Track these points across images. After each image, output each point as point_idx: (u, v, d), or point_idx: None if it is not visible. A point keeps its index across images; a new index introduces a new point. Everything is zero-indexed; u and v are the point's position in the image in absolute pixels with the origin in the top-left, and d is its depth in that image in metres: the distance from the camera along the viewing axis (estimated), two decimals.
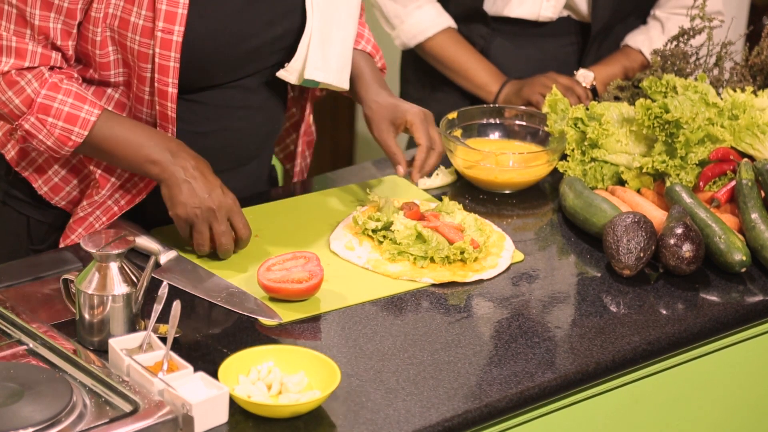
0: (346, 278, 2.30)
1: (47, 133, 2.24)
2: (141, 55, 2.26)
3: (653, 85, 2.73)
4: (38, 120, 2.24)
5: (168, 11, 2.23)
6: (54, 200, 2.43)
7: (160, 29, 2.24)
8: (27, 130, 2.25)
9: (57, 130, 2.24)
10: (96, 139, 2.26)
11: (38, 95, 2.23)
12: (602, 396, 2.17)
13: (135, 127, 2.28)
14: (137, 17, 2.24)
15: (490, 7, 3.05)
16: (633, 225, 2.34)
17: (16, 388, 1.87)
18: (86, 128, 2.25)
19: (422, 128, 2.45)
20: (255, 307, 2.18)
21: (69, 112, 2.24)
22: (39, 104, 2.23)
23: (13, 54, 2.22)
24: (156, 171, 2.26)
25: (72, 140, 2.25)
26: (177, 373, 1.93)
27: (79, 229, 2.39)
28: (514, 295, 2.29)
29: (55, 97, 2.24)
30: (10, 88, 2.23)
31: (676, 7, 3.07)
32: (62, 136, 2.25)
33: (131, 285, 2.03)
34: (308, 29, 2.37)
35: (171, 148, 2.27)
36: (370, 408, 1.96)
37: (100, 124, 2.26)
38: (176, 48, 2.25)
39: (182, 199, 2.24)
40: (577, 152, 2.63)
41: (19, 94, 2.23)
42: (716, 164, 2.57)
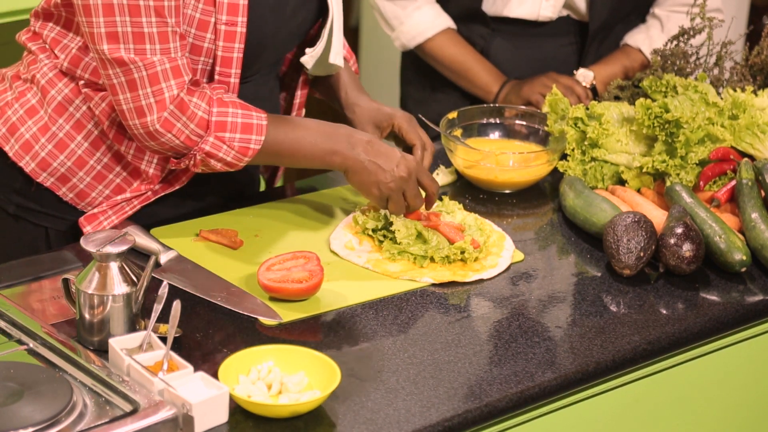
0: (346, 278, 2.30)
1: (227, 149, 2.24)
2: (194, 49, 2.26)
3: (653, 85, 2.73)
4: (217, 138, 2.23)
5: (230, 3, 2.24)
6: (80, 205, 2.40)
7: (224, 22, 2.24)
8: (208, 152, 2.23)
9: (236, 143, 2.24)
10: (271, 143, 2.27)
11: (211, 114, 2.22)
12: (602, 396, 2.17)
13: (302, 123, 2.31)
14: (194, 10, 2.23)
15: (490, 8, 3.05)
16: (633, 225, 2.34)
17: (16, 388, 1.88)
18: (262, 133, 2.25)
19: (411, 129, 2.48)
20: (255, 307, 2.18)
21: (242, 122, 2.24)
22: (215, 123, 2.22)
23: (170, 75, 2.19)
24: (339, 161, 2.31)
25: (251, 149, 2.25)
26: (177, 373, 1.93)
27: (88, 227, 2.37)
28: (514, 295, 2.29)
29: (226, 111, 2.23)
30: (184, 114, 2.20)
31: (676, 5, 3.07)
32: (242, 147, 2.24)
33: (131, 285, 2.03)
34: (331, 15, 2.40)
35: (344, 135, 2.31)
36: (370, 408, 1.96)
37: (272, 127, 2.27)
38: (241, 39, 2.26)
39: (374, 179, 2.30)
40: (577, 152, 2.63)
41: (192, 118, 2.21)
42: (716, 164, 2.57)
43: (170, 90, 2.18)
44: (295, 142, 2.29)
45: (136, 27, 2.15)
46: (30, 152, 2.36)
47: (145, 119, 2.20)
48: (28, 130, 2.35)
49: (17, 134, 2.35)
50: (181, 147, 2.23)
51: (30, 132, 2.35)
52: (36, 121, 2.35)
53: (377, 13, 3.13)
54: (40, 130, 2.35)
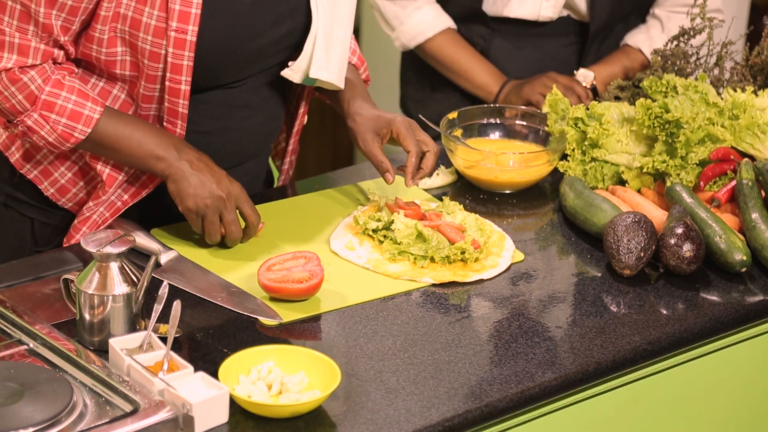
0: (346, 278, 2.30)
1: (50, 129, 2.24)
2: (152, 55, 2.27)
3: (653, 85, 2.73)
4: (42, 117, 2.24)
5: (181, 11, 2.23)
6: (60, 201, 2.43)
7: (174, 29, 2.24)
8: (29, 126, 2.25)
9: (60, 127, 2.24)
10: (99, 136, 2.27)
11: (42, 92, 2.23)
12: (603, 396, 2.17)
13: (137, 123, 2.29)
14: (149, 17, 2.24)
15: (490, 8, 3.05)
16: (633, 225, 2.34)
17: (16, 388, 1.87)
18: (89, 125, 2.25)
19: (408, 135, 2.46)
20: (255, 307, 2.18)
21: (72, 109, 2.24)
22: (43, 101, 2.23)
23: (15, 50, 2.21)
24: (162, 167, 2.28)
25: (74, 137, 2.25)
26: (177, 373, 1.93)
27: (84, 228, 2.39)
28: (515, 295, 2.29)
29: (59, 94, 2.24)
30: (13, 84, 2.22)
31: (676, 5, 3.07)
32: (65, 132, 2.25)
33: (131, 285, 2.03)
34: (314, 28, 2.37)
35: (175, 144, 2.29)
36: (370, 408, 1.96)
37: (103, 121, 2.26)
38: (190, 47, 2.26)
39: (191, 191, 2.27)
40: (577, 152, 2.63)
41: (22, 90, 2.23)
42: (716, 164, 2.57)
43: (7, 62, 2.21)
44: (122, 138, 2.27)
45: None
46: (16, 143, 2.40)
47: None
48: None
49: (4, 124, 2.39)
50: (6, 113, 2.26)
51: None
52: None
53: (377, 13, 3.13)
54: None
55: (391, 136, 2.48)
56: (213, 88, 2.37)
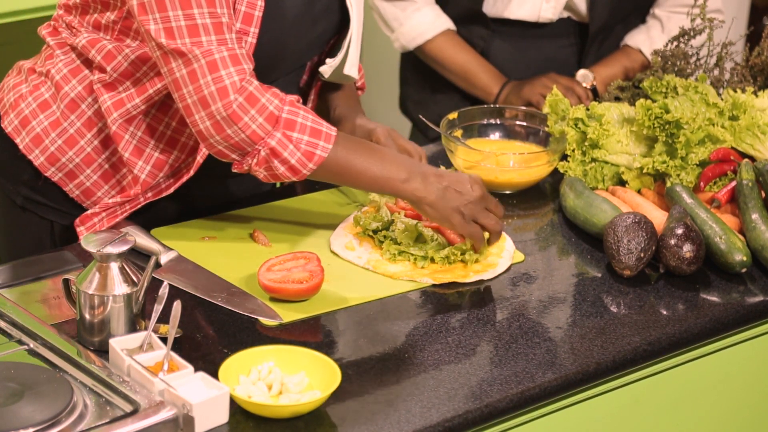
0: (346, 278, 2.30)
1: (293, 149, 2.19)
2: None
3: (654, 86, 2.73)
4: (285, 136, 2.19)
5: (246, 12, 2.24)
6: (86, 203, 2.41)
7: (237, 30, 2.23)
8: (273, 148, 2.18)
9: (303, 146, 2.19)
10: (339, 156, 2.22)
11: (282, 111, 2.19)
12: (603, 396, 2.17)
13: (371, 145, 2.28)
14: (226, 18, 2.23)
15: (490, 9, 3.05)
16: (633, 225, 2.34)
17: (16, 388, 1.87)
18: (330, 141, 2.21)
19: (387, 144, 2.47)
20: (255, 307, 2.18)
21: (312, 126, 2.21)
22: (285, 120, 2.19)
23: (229, 63, 2.15)
24: (410, 189, 2.26)
25: (317, 155, 2.20)
26: (177, 373, 1.93)
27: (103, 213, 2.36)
28: (515, 296, 2.29)
29: (298, 113, 2.20)
30: (253, 107, 2.17)
31: (676, 5, 3.07)
32: (308, 151, 2.20)
33: (132, 285, 2.03)
34: (352, 26, 2.40)
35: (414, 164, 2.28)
36: (370, 408, 1.96)
37: (342, 139, 2.23)
38: (250, 49, 2.25)
39: (454, 204, 2.27)
40: (577, 152, 2.63)
41: (262, 111, 2.18)
42: (717, 165, 2.57)
43: (230, 77, 2.16)
44: (365, 161, 2.25)
45: (189, 20, 2.15)
46: (40, 146, 2.37)
47: (210, 109, 2.16)
48: (39, 123, 2.36)
49: (29, 127, 2.37)
50: (245, 142, 2.19)
51: (41, 126, 2.36)
52: (48, 115, 2.36)
53: (377, 15, 3.13)
54: (51, 124, 2.36)
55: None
56: None
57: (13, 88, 2.42)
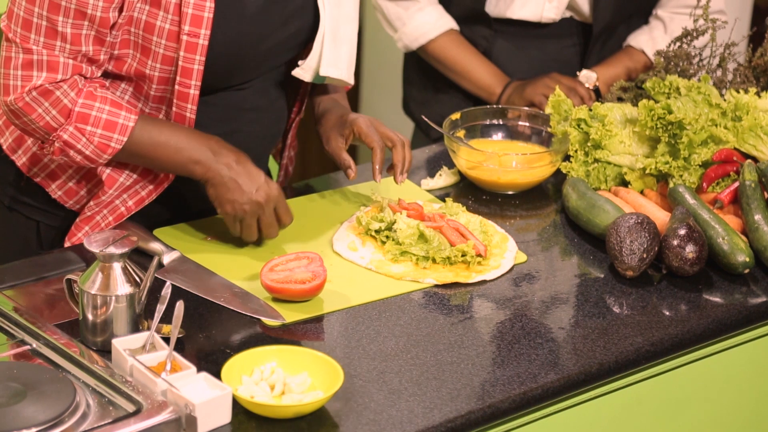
0: (349, 279, 2.30)
1: (86, 142, 2.23)
2: (165, 59, 2.26)
3: (656, 86, 2.73)
4: (77, 129, 2.22)
5: (194, 15, 2.23)
6: (68, 204, 2.42)
7: (186, 33, 2.23)
8: (65, 141, 2.23)
9: (96, 138, 2.23)
10: (135, 144, 2.26)
11: (75, 104, 2.22)
12: (605, 397, 2.17)
13: (173, 128, 2.29)
14: (163, 21, 2.24)
15: (493, 9, 3.05)
16: (636, 226, 2.34)
17: (19, 388, 1.88)
18: (125, 134, 2.24)
19: (370, 132, 2.45)
20: (258, 308, 2.18)
21: (107, 119, 2.23)
22: (77, 113, 2.22)
23: (45, 68, 2.20)
24: (200, 171, 2.28)
25: (111, 147, 2.24)
26: (180, 374, 1.93)
27: (86, 228, 2.38)
28: (517, 296, 2.29)
29: (92, 105, 2.23)
30: (46, 100, 2.21)
31: (679, 6, 3.07)
32: (101, 143, 2.24)
33: (134, 285, 2.03)
34: (322, 26, 2.38)
35: (211, 147, 2.28)
36: (373, 409, 1.96)
37: (139, 129, 2.25)
38: (202, 51, 2.25)
39: (230, 196, 2.27)
40: (580, 153, 2.63)
41: (55, 104, 2.21)
42: (719, 165, 2.57)
43: (37, 79, 2.20)
44: (158, 145, 2.27)
45: (27, 14, 2.18)
46: (22, 146, 2.39)
47: (7, 98, 2.21)
48: None
49: (11, 128, 2.39)
50: (41, 131, 2.24)
51: None
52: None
53: (380, 15, 3.13)
54: None
55: (354, 136, 2.47)
56: (221, 90, 2.37)
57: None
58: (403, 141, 2.47)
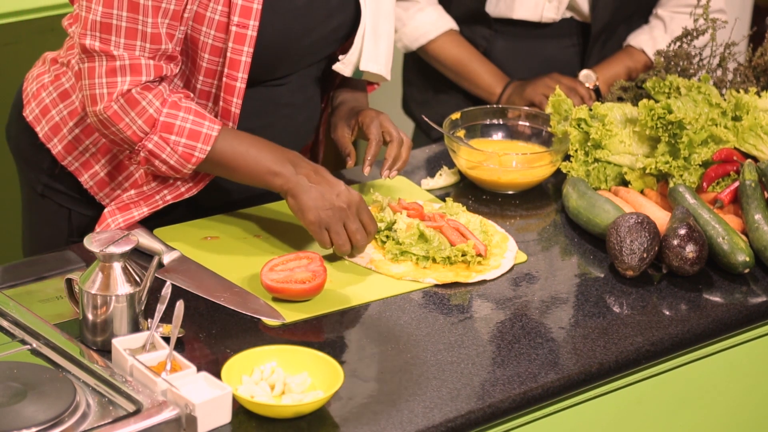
0: (349, 279, 2.30)
1: (171, 151, 2.24)
2: (214, 50, 2.27)
3: (656, 86, 2.73)
4: (162, 139, 2.23)
5: (243, 6, 2.24)
6: (98, 196, 2.43)
7: (235, 23, 2.24)
8: (150, 150, 2.23)
9: (180, 148, 2.23)
10: (218, 154, 2.26)
11: (161, 114, 2.22)
12: (605, 397, 2.17)
13: (253, 140, 2.29)
14: (213, 12, 2.25)
15: (493, 9, 3.05)
16: (636, 226, 2.34)
17: (19, 388, 1.88)
18: (209, 143, 2.24)
19: (372, 125, 2.46)
20: (258, 308, 2.18)
21: (191, 128, 2.24)
22: (162, 123, 2.22)
23: (128, 72, 2.20)
24: (280, 182, 2.27)
25: (195, 156, 2.24)
26: (180, 373, 1.93)
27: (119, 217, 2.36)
28: (517, 296, 2.29)
29: (177, 114, 2.23)
30: (133, 109, 2.21)
31: (679, 6, 3.07)
32: (186, 153, 2.24)
33: (134, 285, 2.03)
34: (363, 21, 2.40)
35: (291, 159, 2.28)
36: (373, 408, 1.96)
37: (222, 139, 2.25)
38: (250, 42, 2.26)
39: (312, 204, 2.26)
40: (580, 153, 2.63)
41: (141, 114, 2.21)
42: (719, 165, 2.57)
43: (123, 84, 2.20)
44: (239, 156, 2.27)
45: (106, 18, 2.17)
46: (58, 135, 2.40)
47: (96, 107, 2.21)
48: (59, 113, 2.40)
49: (48, 116, 2.41)
50: (127, 141, 2.24)
51: (60, 115, 2.40)
52: (67, 105, 2.40)
53: None
54: (70, 114, 2.39)
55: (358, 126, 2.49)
56: (259, 84, 2.37)
57: (36, 77, 2.46)
58: (402, 139, 2.48)
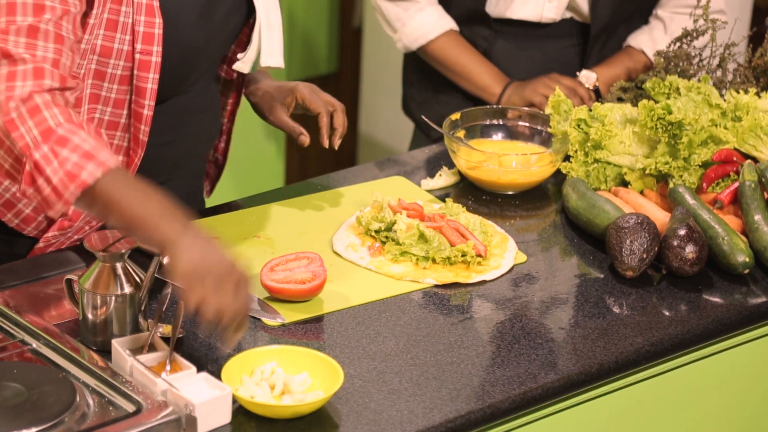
0: (349, 279, 2.30)
1: (56, 167, 1.98)
2: (123, 79, 2.23)
3: (656, 87, 2.73)
4: (52, 151, 1.99)
5: (145, 33, 2.20)
6: (26, 231, 2.35)
7: (139, 51, 2.20)
8: (36, 162, 1.99)
9: (68, 165, 1.98)
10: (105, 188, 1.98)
11: (60, 127, 2.00)
12: (605, 397, 2.17)
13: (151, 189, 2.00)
14: (120, 43, 2.20)
15: (493, 9, 3.05)
16: (636, 226, 2.34)
17: (19, 389, 1.88)
18: (100, 169, 1.98)
19: (313, 98, 2.46)
20: (259, 308, 2.18)
21: (87, 150, 1.99)
22: (59, 136, 1.99)
23: (30, 75, 2.03)
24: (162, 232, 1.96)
25: (81, 179, 1.97)
26: (180, 374, 1.93)
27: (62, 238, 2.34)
28: (517, 296, 2.29)
29: (77, 133, 2.00)
30: (32, 117, 2.01)
31: (679, 6, 3.07)
32: (71, 173, 1.97)
33: (134, 285, 2.03)
34: (258, 18, 2.37)
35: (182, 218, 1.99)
36: (373, 409, 1.96)
37: (117, 173, 1.99)
38: (155, 69, 2.22)
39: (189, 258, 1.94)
40: (580, 153, 2.63)
41: (39, 124, 2.00)
42: (719, 165, 2.57)
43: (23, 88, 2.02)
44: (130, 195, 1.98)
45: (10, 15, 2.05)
46: None
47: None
48: None
49: None
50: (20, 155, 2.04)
51: None
52: None
53: (379, 15, 3.13)
54: None
55: (297, 102, 2.48)
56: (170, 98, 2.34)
57: None
58: (342, 106, 2.48)
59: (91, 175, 1.98)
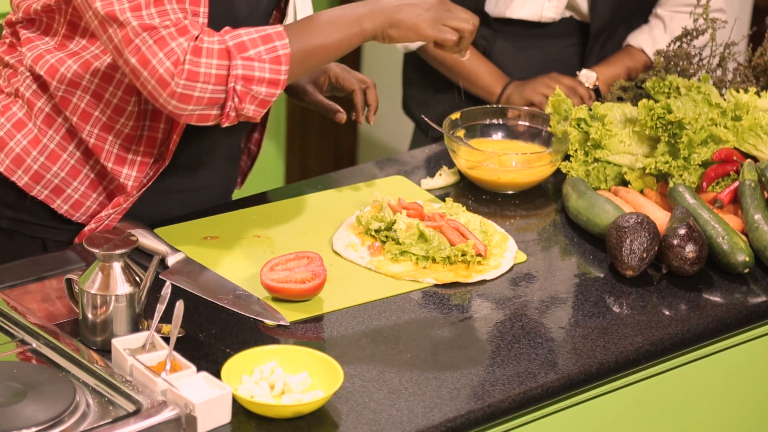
0: (349, 278, 2.30)
1: (259, 65, 2.10)
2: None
3: (656, 86, 2.73)
4: (244, 59, 2.10)
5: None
6: (75, 216, 2.38)
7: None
8: (243, 76, 2.10)
9: (265, 55, 2.11)
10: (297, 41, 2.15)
11: (225, 42, 2.10)
12: (605, 397, 2.17)
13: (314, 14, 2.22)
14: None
15: (492, 9, 3.05)
16: (636, 226, 2.34)
17: (19, 388, 1.88)
18: (283, 37, 2.13)
19: (346, 76, 2.49)
20: (261, 310, 2.18)
21: (259, 36, 2.12)
22: (234, 45, 2.10)
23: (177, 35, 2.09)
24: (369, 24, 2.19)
25: (282, 54, 2.12)
26: (180, 373, 1.93)
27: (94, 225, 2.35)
28: (517, 296, 2.29)
29: (239, 34, 2.12)
30: (200, 57, 2.09)
31: (679, 5, 3.07)
32: (272, 57, 2.11)
33: (134, 285, 2.03)
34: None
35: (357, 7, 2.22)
36: (373, 408, 1.96)
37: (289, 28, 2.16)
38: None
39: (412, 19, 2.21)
40: (580, 153, 2.63)
41: (211, 54, 2.09)
42: (719, 165, 2.57)
43: (180, 47, 2.10)
44: (318, 28, 2.19)
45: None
46: (22, 166, 2.33)
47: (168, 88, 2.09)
48: (17, 144, 2.32)
49: (6, 149, 2.33)
50: (216, 91, 2.11)
51: (20, 146, 2.32)
52: (25, 134, 2.32)
53: None
54: (30, 143, 2.32)
55: (330, 82, 2.49)
56: None
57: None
58: (374, 83, 2.50)
59: (284, 46, 2.14)
